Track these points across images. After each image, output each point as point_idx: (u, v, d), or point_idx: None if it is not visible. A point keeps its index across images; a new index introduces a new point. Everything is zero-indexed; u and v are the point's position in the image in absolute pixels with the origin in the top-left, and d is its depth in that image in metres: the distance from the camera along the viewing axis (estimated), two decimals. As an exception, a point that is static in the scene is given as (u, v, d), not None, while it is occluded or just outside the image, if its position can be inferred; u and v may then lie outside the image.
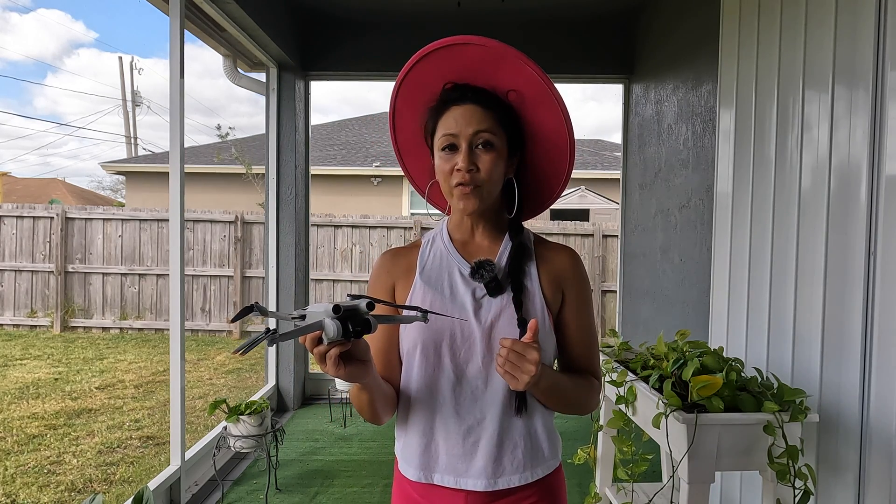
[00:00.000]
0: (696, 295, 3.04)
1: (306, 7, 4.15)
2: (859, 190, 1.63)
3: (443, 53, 1.02)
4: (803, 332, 1.87)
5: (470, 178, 0.99)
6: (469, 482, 1.02)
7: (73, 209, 7.89)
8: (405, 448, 1.07)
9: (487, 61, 1.01)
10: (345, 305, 0.79)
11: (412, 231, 7.80)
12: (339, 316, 0.78)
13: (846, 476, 1.67)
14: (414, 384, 1.05)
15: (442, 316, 1.01)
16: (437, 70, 1.04)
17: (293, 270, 4.22)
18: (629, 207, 4.38)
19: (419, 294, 1.05)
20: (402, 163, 1.17)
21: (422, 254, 1.09)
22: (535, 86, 1.02)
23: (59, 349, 6.76)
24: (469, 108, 1.01)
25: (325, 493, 2.91)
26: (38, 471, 3.48)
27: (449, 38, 1.00)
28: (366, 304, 0.80)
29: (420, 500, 1.06)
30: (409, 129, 1.12)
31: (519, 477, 1.03)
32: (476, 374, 1.02)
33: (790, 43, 1.97)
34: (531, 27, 4.34)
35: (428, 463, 1.04)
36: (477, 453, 1.01)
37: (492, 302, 1.02)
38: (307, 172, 4.41)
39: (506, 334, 0.99)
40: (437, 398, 1.03)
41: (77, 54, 69.04)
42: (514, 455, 1.02)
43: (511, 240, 1.08)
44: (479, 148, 1.00)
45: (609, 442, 2.28)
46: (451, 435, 1.02)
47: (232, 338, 7.70)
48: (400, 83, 1.07)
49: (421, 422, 1.04)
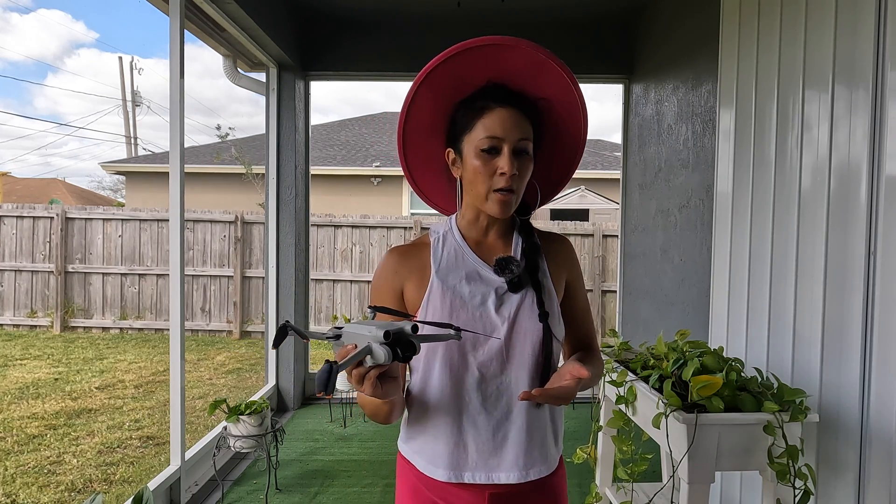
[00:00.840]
0: (696, 295, 3.04)
1: (306, 7, 4.15)
2: (859, 190, 1.63)
3: (488, 51, 1.00)
4: (803, 332, 1.87)
5: (512, 184, 1.00)
6: (501, 476, 1.03)
7: (73, 209, 7.89)
8: (429, 450, 1.05)
9: (530, 66, 1.02)
10: (393, 331, 0.79)
11: (412, 231, 7.80)
12: (388, 342, 0.78)
13: (846, 476, 1.67)
14: (436, 385, 1.04)
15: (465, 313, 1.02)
16: (478, 66, 1.02)
17: (293, 270, 4.22)
18: (629, 207, 4.38)
19: (438, 295, 1.03)
20: (400, 150, 1.13)
21: (434, 252, 1.08)
22: (567, 96, 1.04)
23: (59, 349, 6.76)
24: (514, 113, 1.01)
25: (325, 493, 2.91)
26: (38, 471, 3.48)
27: (498, 38, 0.99)
28: (410, 327, 0.81)
29: (438, 500, 1.05)
30: (425, 118, 1.08)
31: (546, 467, 1.06)
32: (500, 370, 1.03)
33: (790, 42, 1.97)
34: (531, 27, 4.34)
35: (458, 462, 1.03)
36: (507, 447, 1.03)
37: (512, 298, 1.04)
38: (307, 172, 4.42)
39: (527, 328, 1.02)
40: (463, 397, 1.03)
41: (77, 54, 69.15)
42: (543, 445, 1.05)
43: (523, 238, 1.10)
44: (520, 155, 1.01)
45: (609, 442, 2.28)
46: (480, 432, 1.03)
47: (232, 338, 7.70)
48: (431, 70, 1.01)
49: (448, 422, 1.04)
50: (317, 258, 7.85)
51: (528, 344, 1.03)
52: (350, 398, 4.26)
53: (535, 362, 1.03)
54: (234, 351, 6.99)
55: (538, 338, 1.03)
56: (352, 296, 7.84)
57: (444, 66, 1.01)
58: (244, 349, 7.11)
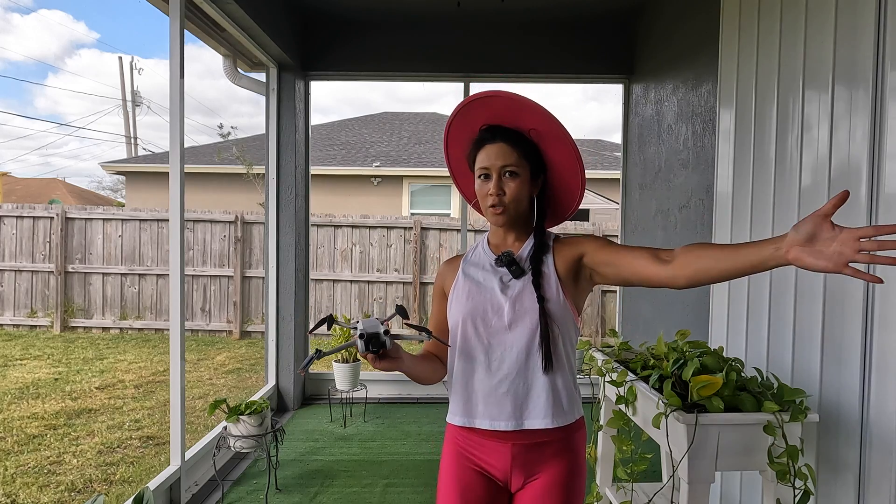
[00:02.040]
0: (696, 295, 3.04)
1: (306, 7, 4.15)
2: (859, 190, 1.63)
3: (477, 103, 1.34)
4: (803, 332, 1.87)
5: (499, 201, 1.31)
6: (501, 424, 1.29)
7: (73, 209, 7.89)
8: (452, 403, 1.37)
9: (513, 108, 1.31)
10: (369, 332, 1.12)
11: (412, 231, 7.80)
12: (363, 339, 1.12)
13: (846, 476, 1.68)
14: (458, 351, 1.34)
15: (478, 295, 1.32)
16: (476, 114, 1.36)
17: (293, 270, 4.22)
18: (629, 207, 4.38)
19: (460, 285, 1.37)
20: (455, 180, 1.51)
21: (464, 258, 1.42)
22: (548, 125, 1.31)
23: (59, 349, 6.75)
24: (498, 146, 1.32)
25: (325, 493, 2.91)
26: (38, 471, 3.48)
27: (484, 92, 1.32)
28: (383, 331, 1.13)
29: (463, 449, 1.35)
30: (459, 155, 1.45)
31: (541, 422, 1.28)
32: (504, 339, 1.29)
33: (790, 43, 1.97)
34: (531, 27, 4.34)
35: (469, 411, 1.32)
36: (507, 402, 1.29)
37: (516, 283, 1.31)
38: (307, 172, 4.42)
39: (527, 307, 1.28)
40: (474, 360, 1.31)
41: (79, 55, 68.96)
42: (536, 403, 1.29)
43: (534, 239, 1.36)
44: (507, 176, 1.31)
45: (609, 441, 2.28)
46: (485, 388, 1.30)
47: (232, 338, 7.70)
48: (451, 122, 1.40)
49: (462, 380, 1.33)
50: (317, 258, 7.85)
51: (528, 320, 1.28)
52: (350, 398, 4.27)
53: (532, 335, 1.28)
54: (234, 351, 6.99)
55: (535, 315, 1.27)
56: (352, 296, 7.84)
57: (458, 118, 1.39)
58: (244, 349, 7.11)
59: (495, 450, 1.31)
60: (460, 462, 1.35)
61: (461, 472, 1.34)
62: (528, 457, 1.30)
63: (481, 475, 1.33)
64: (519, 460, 1.30)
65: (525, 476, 1.31)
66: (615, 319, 4.80)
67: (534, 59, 4.39)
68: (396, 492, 2.93)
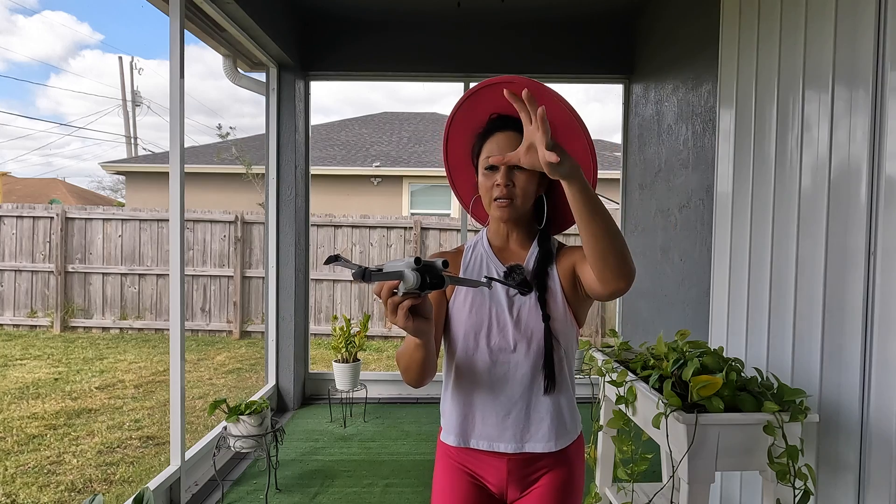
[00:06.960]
0: (696, 295, 3.04)
1: (306, 7, 4.14)
2: (859, 190, 1.63)
3: (488, 90, 1.22)
4: (803, 332, 1.87)
5: (507, 192, 1.20)
6: (500, 446, 1.23)
7: (73, 209, 7.89)
8: (446, 421, 1.29)
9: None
10: (424, 260, 0.86)
11: (412, 231, 7.80)
12: (418, 268, 0.84)
13: (846, 476, 1.67)
14: (456, 366, 1.24)
15: (482, 308, 1.22)
16: (485, 103, 1.24)
17: (293, 270, 4.22)
18: (629, 207, 4.38)
19: (462, 294, 1.25)
20: (450, 179, 1.38)
21: (465, 258, 1.30)
22: (563, 116, 1.19)
23: (59, 349, 6.75)
24: (509, 135, 1.21)
25: (325, 493, 2.91)
26: (38, 471, 3.48)
27: (496, 77, 1.21)
28: (441, 262, 0.89)
29: (458, 463, 1.28)
30: (459, 151, 1.34)
31: (543, 445, 1.23)
32: (508, 359, 1.21)
33: (790, 43, 1.97)
34: (531, 27, 4.34)
35: (466, 431, 1.25)
36: (508, 424, 1.22)
37: (521, 300, 1.22)
38: (307, 172, 4.42)
39: (533, 326, 1.20)
40: (475, 377, 1.23)
41: (82, 56, 68.89)
42: (539, 427, 1.22)
43: (539, 246, 1.27)
44: (516, 168, 1.20)
45: (609, 442, 2.28)
46: (486, 408, 1.23)
47: (232, 338, 7.70)
48: (455, 112, 1.28)
49: (460, 397, 1.25)
50: (317, 258, 7.85)
51: (533, 339, 1.20)
52: (350, 398, 4.27)
53: (537, 356, 1.20)
54: (234, 351, 6.99)
55: (541, 335, 1.20)
56: (352, 296, 7.83)
57: (463, 108, 1.27)
58: (244, 349, 7.11)
59: (491, 465, 1.26)
60: (455, 474, 1.29)
61: (457, 483, 1.28)
62: (525, 471, 1.26)
63: (477, 486, 1.28)
64: (515, 475, 1.26)
65: (522, 489, 1.27)
66: (615, 319, 4.80)
67: (534, 59, 4.39)
68: (396, 492, 2.93)
